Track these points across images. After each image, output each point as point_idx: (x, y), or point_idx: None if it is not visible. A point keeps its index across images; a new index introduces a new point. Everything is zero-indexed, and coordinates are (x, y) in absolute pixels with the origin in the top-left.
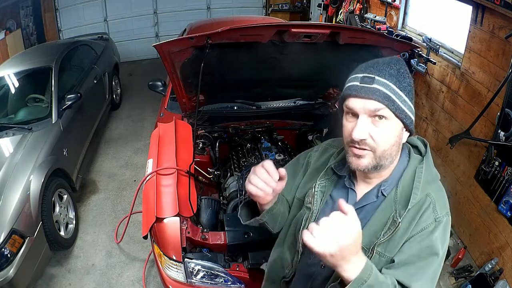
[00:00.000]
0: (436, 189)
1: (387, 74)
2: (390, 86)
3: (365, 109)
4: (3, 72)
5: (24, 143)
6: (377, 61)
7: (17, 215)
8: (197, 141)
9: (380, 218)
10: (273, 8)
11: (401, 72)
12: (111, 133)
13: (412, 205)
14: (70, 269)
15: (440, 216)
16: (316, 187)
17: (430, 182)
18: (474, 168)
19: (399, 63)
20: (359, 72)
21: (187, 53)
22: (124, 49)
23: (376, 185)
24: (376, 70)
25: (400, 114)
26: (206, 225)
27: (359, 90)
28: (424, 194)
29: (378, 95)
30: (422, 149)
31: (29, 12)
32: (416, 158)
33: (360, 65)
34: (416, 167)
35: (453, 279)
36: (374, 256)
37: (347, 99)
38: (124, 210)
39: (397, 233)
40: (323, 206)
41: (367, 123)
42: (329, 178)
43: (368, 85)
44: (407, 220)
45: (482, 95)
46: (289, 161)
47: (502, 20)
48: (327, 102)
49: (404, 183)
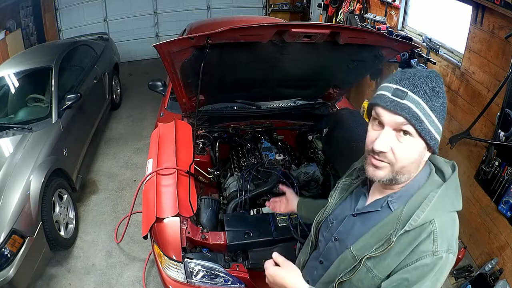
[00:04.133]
0: (444, 219)
1: (421, 91)
2: (422, 105)
3: (391, 122)
4: (3, 72)
5: (24, 143)
6: (414, 73)
7: (17, 215)
8: (197, 141)
9: (380, 232)
10: (273, 8)
11: (436, 91)
12: (111, 133)
13: (410, 227)
14: (70, 269)
15: (440, 251)
16: (338, 183)
17: (440, 210)
18: (474, 168)
19: (436, 80)
20: (393, 82)
21: (187, 53)
22: (124, 49)
23: (386, 195)
24: (411, 85)
25: (426, 135)
26: (206, 225)
27: (389, 103)
28: (428, 220)
29: (407, 113)
30: (447, 174)
31: (29, 12)
32: (435, 182)
33: (396, 73)
34: (431, 191)
35: (453, 279)
36: (361, 268)
37: (375, 107)
38: (124, 210)
39: (389, 253)
40: (341, 201)
41: (391, 136)
42: (354, 179)
43: (399, 99)
44: (403, 243)
45: (482, 95)
46: (289, 161)
47: (502, 20)
48: (327, 102)
49: (413, 203)
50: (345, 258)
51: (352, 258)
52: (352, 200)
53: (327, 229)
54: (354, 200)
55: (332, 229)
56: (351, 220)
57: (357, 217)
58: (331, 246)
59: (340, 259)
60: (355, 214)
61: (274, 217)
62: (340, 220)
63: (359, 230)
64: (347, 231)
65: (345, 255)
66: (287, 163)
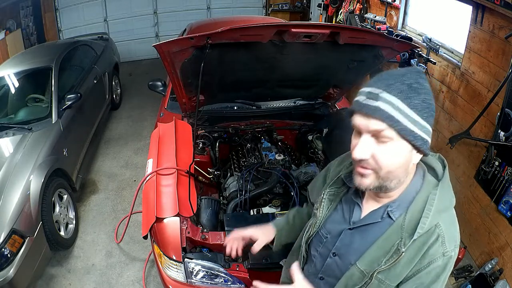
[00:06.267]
0: (447, 219)
1: (395, 90)
2: (396, 104)
3: (368, 129)
4: (3, 72)
5: (24, 143)
6: (391, 73)
7: (17, 215)
8: (197, 141)
9: (385, 245)
10: (273, 8)
11: (414, 88)
12: (111, 133)
13: (419, 235)
14: (70, 269)
15: (449, 250)
16: (324, 194)
17: (442, 212)
18: (474, 168)
19: (414, 77)
20: (368, 86)
21: (187, 53)
22: (124, 49)
23: (384, 205)
24: (385, 85)
25: (408, 136)
26: (206, 225)
27: (362, 107)
28: (433, 225)
29: (381, 114)
30: (439, 171)
31: (29, 12)
32: (430, 183)
33: (376, 76)
34: (429, 193)
35: (453, 279)
36: (373, 282)
37: (353, 114)
38: (124, 210)
39: (400, 262)
40: (330, 213)
41: (370, 142)
42: (339, 188)
43: (372, 102)
44: (412, 250)
45: (482, 95)
46: (289, 161)
47: (502, 20)
48: (327, 102)
49: (414, 210)
50: (352, 275)
51: (360, 274)
52: (343, 211)
53: (320, 244)
54: (346, 211)
55: (328, 244)
56: (348, 234)
57: (355, 231)
58: (331, 262)
59: (347, 277)
60: (352, 227)
61: (274, 217)
62: (336, 235)
63: (359, 245)
64: (346, 246)
65: (352, 272)
66: (287, 163)
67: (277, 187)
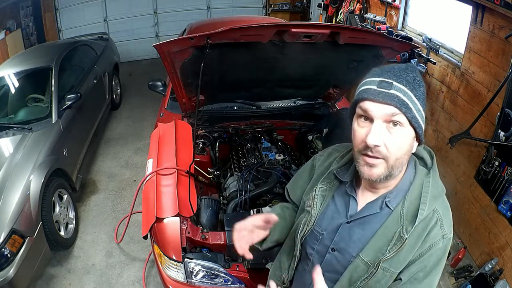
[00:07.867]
0: (443, 204)
1: (404, 81)
2: (408, 93)
3: (382, 114)
4: (3, 72)
5: (24, 143)
6: (393, 66)
7: (17, 215)
8: (197, 141)
9: (386, 234)
10: (273, 8)
11: (417, 80)
12: (111, 133)
13: (419, 221)
14: (70, 269)
15: (447, 233)
16: (316, 190)
17: (437, 197)
18: (474, 168)
19: (415, 71)
20: (375, 76)
21: (187, 53)
22: (124, 49)
23: (381, 195)
24: (394, 76)
25: (415, 123)
26: (206, 225)
27: (377, 94)
28: (431, 210)
29: (397, 101)
30: (428, 161)
31: (29, 12)
32: (422, 171)
33: (374, 69)
34: (423, 181)
35: (453, 279)
36: (378, 272)
37: (361, 102)
38: (124, 210)
39: (403, 249)
40: (324, 210)
41: (382, 128)
42: (331, 183)
43: (386, 90)
44: (414, 236)
45: (482, 95)
46: (289, 161)
47: (502, 20)
48: (327, 102)
49: (411, 198)
50: (356, 267)
51: (365, 265)
52: (336, 206)
53: (316, 241)
54: (341, 205)
55: (325, 240)
56: (346, 228)
57: (353, 224)
58: (330, 258)
59: (351, 270)
60: (350, 221)
61: None
62: (333, 230)
63: (359, 237)
64: (346, 239)
65: (356, 264)
66: (287, 163)
67: (277, 187)
